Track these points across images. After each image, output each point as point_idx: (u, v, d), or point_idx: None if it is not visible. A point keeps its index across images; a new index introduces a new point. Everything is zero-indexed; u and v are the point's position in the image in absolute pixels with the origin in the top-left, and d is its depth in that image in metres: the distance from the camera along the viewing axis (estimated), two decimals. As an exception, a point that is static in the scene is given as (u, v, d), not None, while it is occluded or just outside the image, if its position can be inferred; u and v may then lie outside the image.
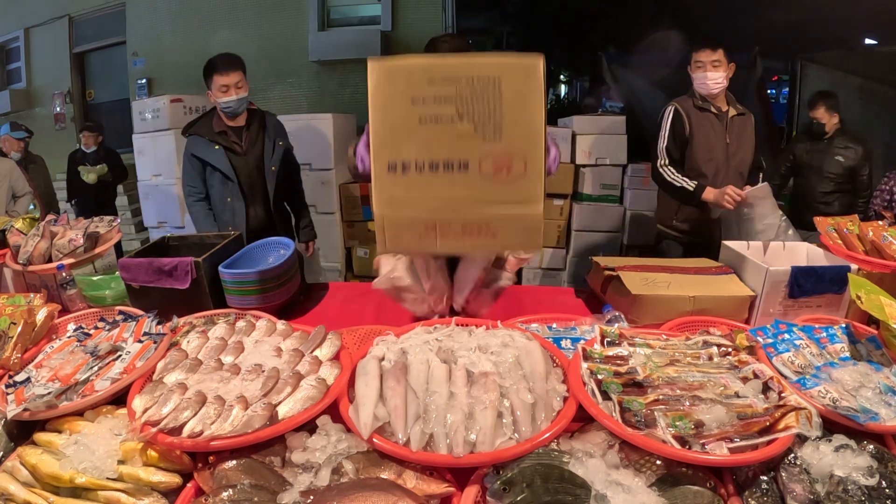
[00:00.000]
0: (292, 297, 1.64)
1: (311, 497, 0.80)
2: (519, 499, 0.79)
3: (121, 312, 1.37)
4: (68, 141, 5.53)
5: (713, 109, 2.41)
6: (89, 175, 4.43)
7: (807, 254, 1.68)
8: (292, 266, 1.62)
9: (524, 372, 1.01)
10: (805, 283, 1.40)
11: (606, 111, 4.72)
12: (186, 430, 0.90)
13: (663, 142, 2.48)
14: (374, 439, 0.88)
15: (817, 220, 1.77)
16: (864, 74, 5.08)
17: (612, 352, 1.09)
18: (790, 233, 2.03)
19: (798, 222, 2.33)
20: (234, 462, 0.89)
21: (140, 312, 1.34)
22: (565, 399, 0.98)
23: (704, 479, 0.85)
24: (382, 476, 0.85)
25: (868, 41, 4.81)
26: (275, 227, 2.45)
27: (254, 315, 1.38)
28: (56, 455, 0.90)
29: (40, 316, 1.31)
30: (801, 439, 0.88)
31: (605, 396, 0.95)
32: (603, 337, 1.15)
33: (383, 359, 1.06)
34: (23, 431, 1.00)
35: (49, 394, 1.00)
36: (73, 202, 4.60)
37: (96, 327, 1.29)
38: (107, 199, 4.67)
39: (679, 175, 2.43)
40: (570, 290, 1.79)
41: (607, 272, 1.56)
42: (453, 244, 0.87)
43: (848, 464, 0.84)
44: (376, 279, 1.47)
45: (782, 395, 0.95)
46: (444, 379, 0.98)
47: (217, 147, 2.34)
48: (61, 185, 4.74)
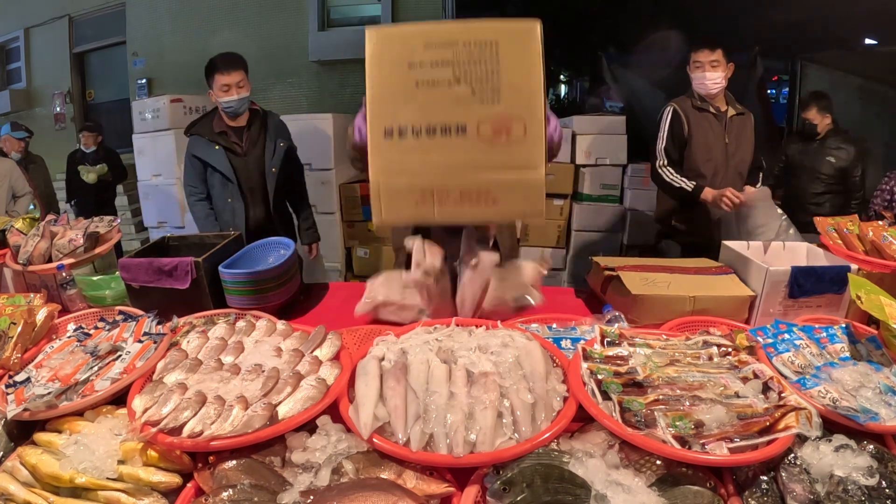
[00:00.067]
0: (292, 297, 1.64)
1: (311, 497, 0.80)
2: (519, 499, 0.79)
3: (121, 312, 1.37)
4: (68, 141, 5.53)
5: (712, 109, 2.41)
6: (89, 175, 4.43)
7: (807, 254, 1.68)
8: (292, 266, 1.62)
9: (524, 372, 1.01)
10: (805, 283, 1.40)
11: (606, 111, 4.72)
12: (186, 430, 0.90)
13: (662, 142, 2.48)
14: (374, 439, 0.88)
15: (817, 220, 1.77)
16: (864, 74, 5.08)
17: (612, 352, 1.09)
18: (791, 232, 2.03)
19: (790, 223, 2.33)
20: (234, 462, 0.89)
21: (140, 312, 1.34)
22: (565, 399, 0.98)
23: (704, 479, 0.85)
24: (382, 476, 0.85)
25: (868, 41, 4.80)
26: (275, 228, 2.43)
27: (254, 315, 1.38)
28: (56, 455, 0.90)
29: (40, 316, 1.31)
30: (801, 439, 0.88)
31: (605, 396, 0.95)
32: (603, 337, 1.15)
33: (383, 359, 1.06)
34: (23, 431, 1.00)
35: (49, 394, 1.00)
36: (73, 202, 4.60)
37: (96, 327, 1.29)
38: (106, 199, 4.67)
39: (678, 175, 2.43)
40: (570, 290, 1.79)
41: (607, 272, 1.56)
42: (452, 212, 0.83)
43: (848, 464, 0.84)
44: (357, 306, 1.50)
45: (782, 395, 0.95)
46: (444, 379, 0.98)
47: (217, 147, 2.32)
48: (61, 186, 4.74)
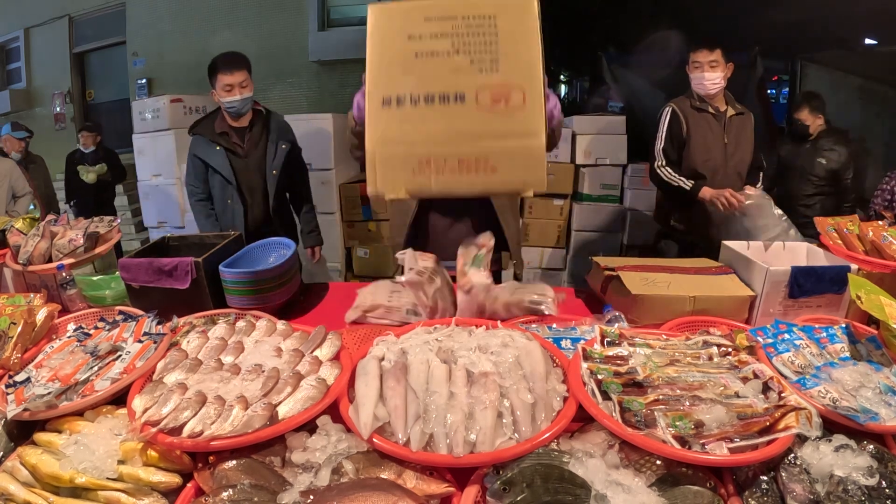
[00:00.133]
0: (292, 297, 1.64)
1: (311, 497, 0.80)
2: (519, 499, 0.79)
3: (121, 312, 1.37)
4: (68, 141, 5.53)
5: (711, 110, 2.41)
6: (89, 175, 4.42)
7: (807, 254, 1.68)
8: (292, 266, 1.62)
9: (524, 372, 1.01)
10: (805, 283, 1.40)
11: (606, 111, 4.72)
12: (186, 430, 0.90)
13: (660, 143, 2.49)
14: (374, 439, 0.88)
15: (817, 220, 1.77)
16: (864, 74, 5.08)
17: (612, 352, 1.09)
18: (791, 233, 2.03)
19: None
20: (234, 462, 0.89)
21: (140, 312, 1.34)
22: (565, 399, 0.98)
23: (704, 479, 0.85)
24: (382, 476, 0.85)
25: (868, 41, 4.81)
26: (275, 231, 2.38)
27: (254, 315, 1.38)
28: (56, 455, 0.90)
29: (40, 316, 1.31)
30: (801, 439, 0.88)
31: (605, 396, 0.95)
32: (603, 337, 1.15)
33: (383, 359, 1.06)
34: (23, 431, 1.00)
35: (49, 394, 1.00)
36: (72, 203, 4.60)
37: (96, 327, 1.29)
38: (106, 199, 4.67)
39: (676, 175, 2.43)
40: (570, 290, 1.79)
41: (607, 272, 1.56)
42: (450, 181, 0.81)
43: (848, 464, 0.84)
44: (346, 314, 1.52)
45: (782, 395, 0.95)
46: (444, 379, 0.98)
47: (218, 148, 2.30)
48: (61, 186, 4.74)
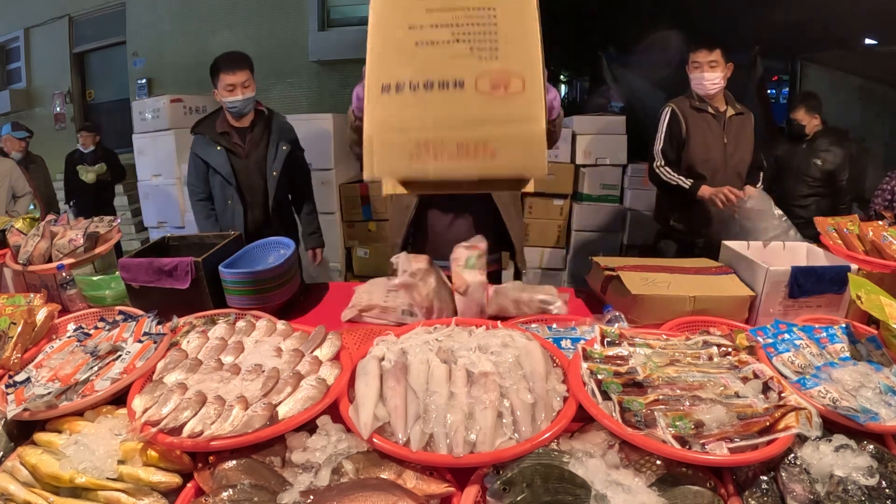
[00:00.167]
0: (292, 297, 1.64)
1: (311, 497, 0.80)
2: (519, 499, 0.79)
3: (121, 312, 1.37)
4: (68, 141, 5.53)
5: (710, 110, 2.41)
6: (88, 175, 4.42)
7: (807, 254, 1.68)
8: (292, 266, 1.62)
9: (524, 372, 1.01)
10: (805, 283, 1.40)
11: (609, 111, 4.72)
12: (186, 430, 0.90)
13: (659, 143, 2.49)
14: (374, 439, 0.88)
15: (817, 220, 1.77)
16: (864, 74, 5.09)
17: (612, 352, 1.09)
18: (791, 233, 2.04)
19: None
20: (234, 462, 0.89)
21: (140, 312, 1.34)
22: (565, 399, 0.98)
23: (704, 479, 0.85)
24: (382, 476, 0.85)
25: (868, 41, 4.81)
26: (275, 232, 2.32)
27: (254, 315, 1.38)
28: (56, 455, 0.90)
29: (40, 316, 1.31)
30: (801, 439, 0.88)
31: (605, 396, 0.95)
32: (603, 337, 1.15)
33: (383, 359, 1.06)
34: (23, 431, 1.00)
35: (49, 394, 1.00)
36: (72, 203, 4.59)
37: (96, 327, 1.29)
38: (105, 199, 4.67)
39: (675, 174, 2.44)
40: (570, 290, 1.79)
41: (607, 272, 1.56)
42: (448, 166, 0.80)
43: (848, 464, 0.84)
44: (342, 313, 1.53)
45: (782, 395, 0.95)
46: (444, 379, 0.98)
47: (219, 148, 2.29)
48: (61, 186, 4.74)
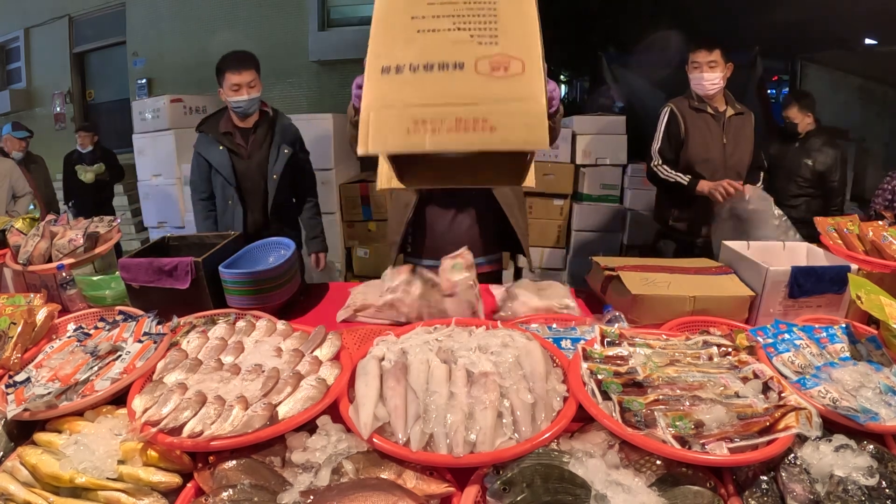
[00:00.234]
0: (292, 297, 1.64)
1: (311, 497, 0.80)
2: (519, 499, 0.79)
3: (121, 312, 1.37)
4: (68, 141, 5.52)
5: (710, 110, 2.42)
6: (87, 174, 4.41)
7: (807, 254, 1.68)
8: (292, 266, 1.62)
9: (524, 372, 1.01)
10: (805, 283, 1.40)
11: (612, 111, 4.71)
12: (186, 430, 0.90)
13: (657, 143, 2.49)
14: (374, 439, 0.88)
15: (817, 220, 1.77)
16: (864, 74, 5.09)
17: (612, 352, 1.09)
18: (791, 233, 2.04)
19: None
20: (234, 462, 0.89)
21: (140, 312, 1.34)
22: (565, 399, 0.98)
23: (704, 479, 0.85)
24: (382, 476, 0.85)
25: (868, 41, 4.81)
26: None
27: (254, 315, 1.38)
28: (56, 455, 0.90)
29: (40, 316, 1.31)
30: (801, 439, 0.88)
31: (605, 396, 0.95)
32: (603, 337, 1.15)
33: (383, 359, 1.06)
34: (23, 431, 1.00)
35: (49, 394, 1.00)
36: (71, 203, 4.59)
37: (96, 327, 1.29)
38: (104, 200, 4.66)
39: (672, 171, 2.44)
40: (571, 290, 1.78)
41: (607, 272, 1.56)
42: (446, 140, 0.80)
43: (848, 464, 0.84)
44: (338, 313, 1.55)
45: (782, 395, 0.95)
46: (444, 379, 0.98)
47: (221, 148, 2.28)
48: (61, 186, 4.74)
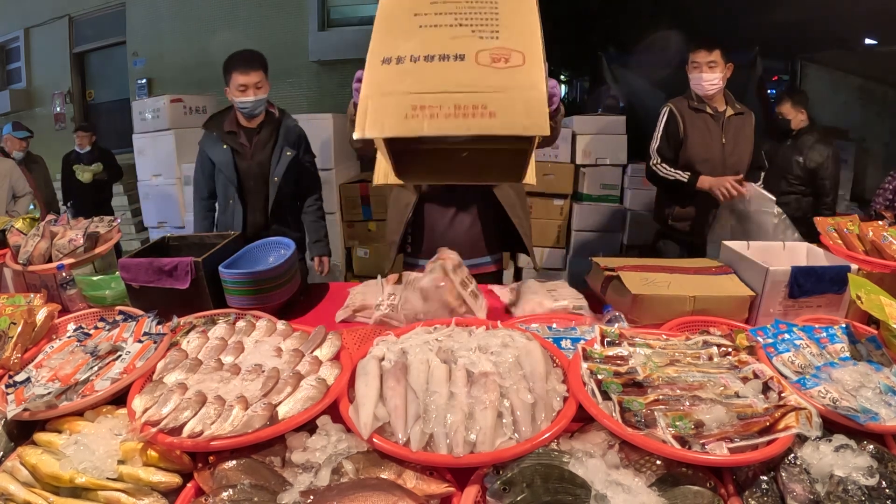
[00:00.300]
0: (292, 297, 1.64)
1: (311, 497, 0.80)
2: (519, 499, 0.79)
3: (121, 312, 1.37)
4: (68, 141, 5.52)
5: (709, 110, 2.42)
6: (84, 174, 4.41)
7: (807, 254, 1.68)
8: (292, 266, 1.62)
9: (524, 372, 1.01)
10: (805, 283, 1.40)
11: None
12: (186, 430, 0.90)
13: (656, 142, 2.49)
14: (374, 439, 0.88)
15: (817, 220, 1.77)
16: (864, 74, 5.09)
17: (612, 352, 1.09)
18: (789, 232, 2.04)
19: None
20: (234, 462, 0.89)
21: (140, 312, 1.34)
22: (565, 399, 0.98)
23: (704, 479, 0.85)
24: (382, 476, 0.85)
25: (868, 41, 4.81)
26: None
27: (254, 315, 1.38)
28: (56, 455, 0.90)
29: (40, 316, 1.31)
30: (801, 439, 0.88)
31: (605, 396, 0.95)
32: (603, 337, 1.15)
33: (383, 359, 1.06)
34: (23, 431, 1.00)
35: (49, 394, 1.00)
36: (69, 204, 4.59)
37: (96, 327, 1.29)
38: (103, 200, 4.66)
39: (672, 169, 2.44)
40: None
41: (607, 272, 1.56)
42: (444, 125, 0.80)
43: (848, 464, 0.84)
44: (337, 313, 1.56)
45: (782, 395, 0.95)
46: (444, 379, 0.98)
47: (224, 147, 2.26)
48: (60, 186, 4.74)
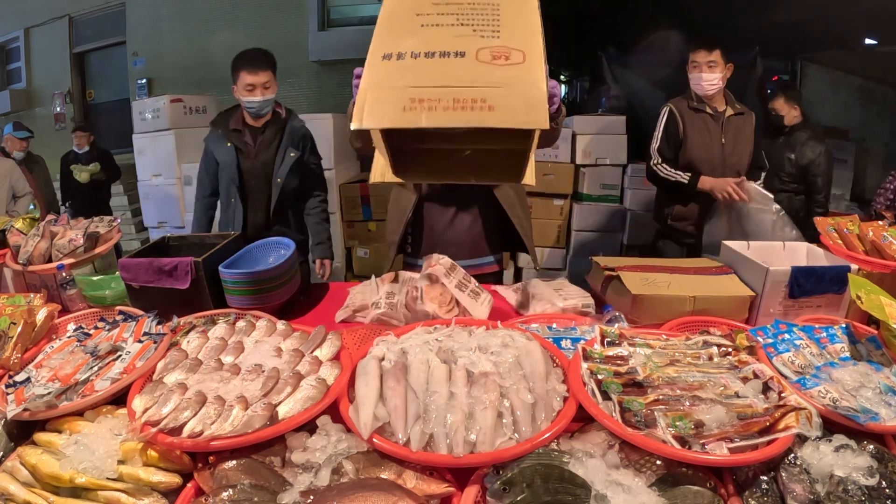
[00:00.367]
0: (292, 297, 1.64)
1: (311, 497, 0.80)
2: (519, 499, 0.79)
3: (121, 312, 1.37)
4: (68, 141, 5.53)
5: (709, 110, 2.42)
6: (82, 174, 4.41)
7: (807, 254, 1.68)
8: (292, 266, 1.62)
9: (524, 372, 1.01)
10: (805, 283, 1.40)
11: (606, 111, 4.72)
12: (186, 430, 0.90)
13: (656, 143, 2.50)
14: (374, 439, 0.88)
15: (817, 220, 1.77)
16: (864, 74, 5.09)
17: (612, 352, 1.09)
18: (787, 230, 2.04)
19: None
20: (234, 462, 0.89)
21: (140, 312, 1.34)
22: (565, 399, 0.98)
23: (704, 479, 0.85)
24: (382, 476, 0.85)
25: (868, 41, 4.80)
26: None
27: (254, 315, 1.38)
28: (56, 455, 0.90)
29: (40, 316, 1.31)
30: (801, 439, 0.88)
31: (605, 396, 0.95)
32: (603, 337, 1.15)
33: (383, 359, 1.06)
34: (23, 431, 1.00)
35: (49, 394, 1.00)
36: (68, 204, 4.58)
37: (96, 327, 1.29)
38: (101, 200, 4.66)
39: (672, 169, 2.44)
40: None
41: (607, 272, 1.56)
42: (442, 117, 0.80)
43: (848, 464, 0.84)
44: (336, 313, 1.58)
45: (782, 395, 0.95)
46: (444, 379, 0.98)
47: (228, 145, 2.25)
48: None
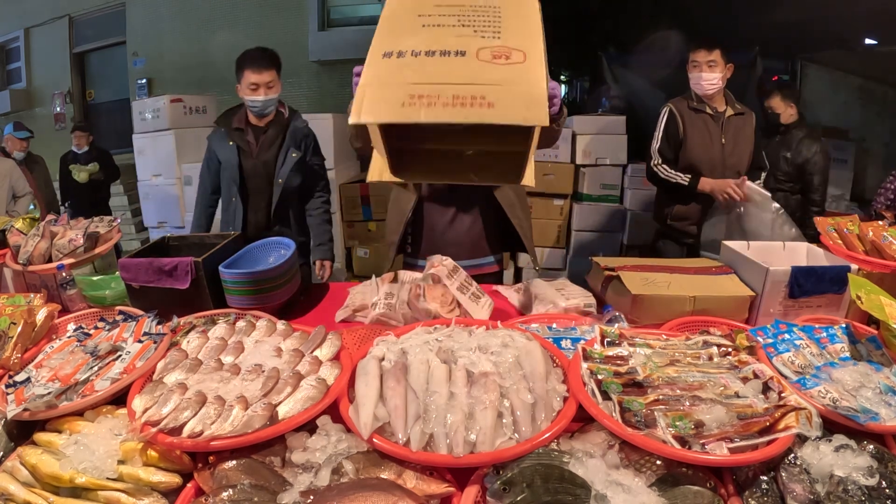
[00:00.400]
0: (292, 297, 1.64)
1: (311, 497, 0.80)
2: (519, 499, 0.79)
3: (121, 312, 1.37)
4: (68, 141, 5.53)
5: (709, 110, 2.42)
6: (80, 174, 4.41)
7: (807, 254, 1.68)
8: (292, 266, 1.62)
9: (524, 372, 1.01)
10: (805, 283, 1.40)
11: (607, 111, 4.72)
12: (186, 430, 0.90)
13: (656, 143, 2.50)
14: (374, 439, 0.88)
15: (817, 220, 1.77)
16: (864, 74, 5.09)
17: (612, 352, 1.09)
18: (786, 228, 2.04)
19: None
20: (234, 462, 0.89)
21: (140, 312, 1.34)
22: (565, 399, 0.98)
23: (704, 479, 0.85)
24: (382, 476, 0.85)
25: (868, 41, 4.80)
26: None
27: (254, 315, 1.38)
28: (56, 455, 0.90)
29: (40, 316, 1.31)
30: (801, 439, 0.88)
31: (605, 396, 0.95)
32: (603, 337, 1.15)
33: (383, 359, 1.06)
34: (23, 431, 1.00)
35: (49, 394, 1.00)
36: (67, 204, 4.59)
37: (96, 327, 1.29)
38: (100, 200, 4.66)
39: (672, 171, 2.45)
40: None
41: (607, 272, 1.56)
42: (441, 113, 0.80)
43: (848, 464, 0.84)
44: (336, 313, 1.58)
45: (782, 395, 0.95)
46: (444, 379, 0.98)
47: (231, 143, 2.25)
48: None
